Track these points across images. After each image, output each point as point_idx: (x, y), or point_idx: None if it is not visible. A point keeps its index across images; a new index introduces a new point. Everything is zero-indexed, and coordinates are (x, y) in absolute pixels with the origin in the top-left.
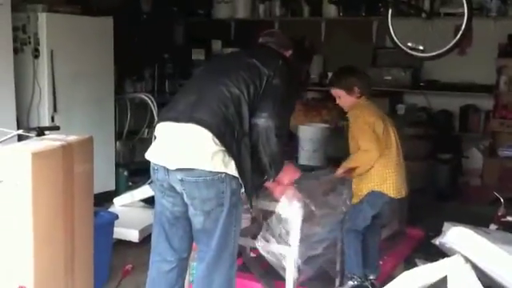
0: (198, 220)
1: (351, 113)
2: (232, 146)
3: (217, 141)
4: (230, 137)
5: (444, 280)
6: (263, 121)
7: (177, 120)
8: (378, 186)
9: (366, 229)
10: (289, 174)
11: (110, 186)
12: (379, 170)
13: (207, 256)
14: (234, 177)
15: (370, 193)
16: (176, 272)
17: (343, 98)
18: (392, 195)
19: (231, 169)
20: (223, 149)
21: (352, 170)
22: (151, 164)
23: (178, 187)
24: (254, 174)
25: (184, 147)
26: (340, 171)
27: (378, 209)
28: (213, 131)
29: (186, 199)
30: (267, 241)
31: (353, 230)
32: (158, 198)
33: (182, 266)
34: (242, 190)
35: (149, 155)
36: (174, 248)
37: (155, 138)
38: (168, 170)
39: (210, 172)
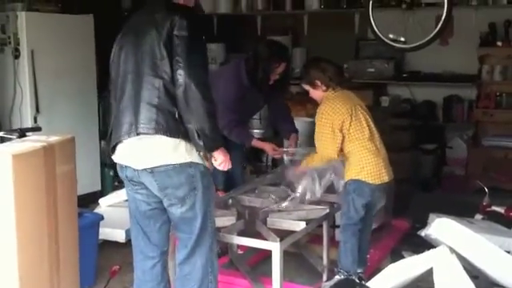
0: (175, 210)
1: (318, 109)
2: (180, 130)
3: (171, 137)
4: (176, 124)
5: (430, 271)
6: (195, 100)
7: (129, 137)
8: (356, 175)
9: (362, 222)
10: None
11: (96, 186)
12: (355, 159)
13: (189, 241)
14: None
15: (351, 182)
16: (160, 266)
17: (311, 93)
18: (371, 182)
19: (195, 157)
20: (179, 139)
21: None
22: (118, 164)
23: (149, 180)
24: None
25: (145, 153)
26: (300, 169)
27: (368, 197)
28: (165, 133)
29: (157, 193)
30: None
31: (350, 225)
32: (131, 194)
33: (164, 259)
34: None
35: (114, 158)
36: (153, 243)
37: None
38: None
39: (177, 163)
